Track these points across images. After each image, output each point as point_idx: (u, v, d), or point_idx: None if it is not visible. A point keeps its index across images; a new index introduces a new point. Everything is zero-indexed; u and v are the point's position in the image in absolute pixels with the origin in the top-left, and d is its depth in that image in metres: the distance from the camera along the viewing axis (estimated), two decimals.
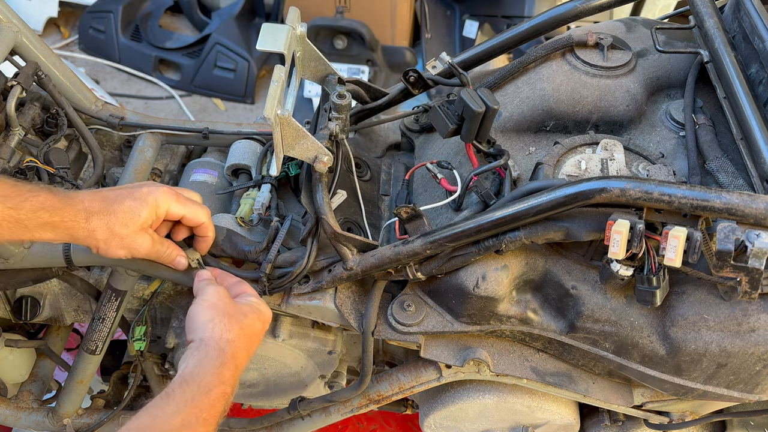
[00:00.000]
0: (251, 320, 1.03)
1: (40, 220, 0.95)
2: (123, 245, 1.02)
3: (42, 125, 1.36)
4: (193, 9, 3.52)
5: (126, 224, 1.01)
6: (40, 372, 1.54)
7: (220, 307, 1.01)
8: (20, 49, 1.31)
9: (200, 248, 1.16)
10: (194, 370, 0.92)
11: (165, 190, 1.05)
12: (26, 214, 0.94)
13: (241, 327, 1.00)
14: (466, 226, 1.06)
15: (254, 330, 1.03)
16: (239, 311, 1.03)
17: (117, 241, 1.01)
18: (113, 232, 1.00)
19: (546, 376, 1.26)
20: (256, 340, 1.03)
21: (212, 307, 1.01)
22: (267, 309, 1.07)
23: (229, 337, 0.97)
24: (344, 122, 1.18)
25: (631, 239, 0.95)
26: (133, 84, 3.35)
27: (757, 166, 1.05)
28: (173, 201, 1.06)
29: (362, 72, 3.09)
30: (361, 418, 2.12)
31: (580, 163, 1.12)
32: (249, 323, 1.02)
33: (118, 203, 1.01)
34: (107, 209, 1.01)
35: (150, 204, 1.03)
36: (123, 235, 1.01)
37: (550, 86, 1.26)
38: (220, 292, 1.04)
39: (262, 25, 1.12)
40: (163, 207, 1.04)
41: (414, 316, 1.20)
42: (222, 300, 1.03)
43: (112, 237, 1.01)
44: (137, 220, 1.02)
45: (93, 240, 1.00)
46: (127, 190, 1.04)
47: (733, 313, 1.04)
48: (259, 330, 1.04)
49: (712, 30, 1.21)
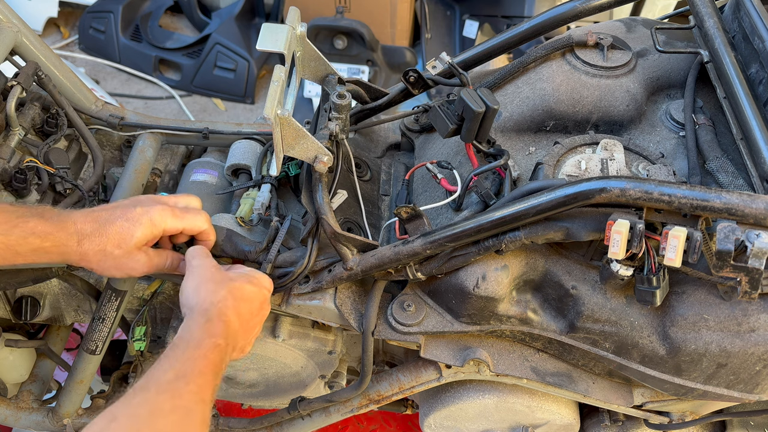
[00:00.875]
0: (240, 283, 1.02)
1: (30, 246, 0.95)
2: (117, 266, 1.02)
3: (42, 125, 1.36)
4: (193, 9, 3.52)
5: (119, 245, 1.00)
6: (40, 372, 1.54)
7: (206, 276, 1.01)
8: (20, 49, 1.31)
9: None
10: (181, 333, 0.92)
11: (160, 209, 1.04)
12: (16, 240, 0.94)
13: (229, 289, 0.99)
14: (466, 226, 1.06)
15: (244, 292, 1.01)
16: (226, 276, 1.02)
17: (111, 262, 1.01)
18: (106, 253, 1.00)
19: (546, 376, 1.26)
20: (247, 300, 1.01)
21: (197, 277, 1.01)
22: (263, 276, 1.07)
23: (214, 299, 0.96)
24: (344, 122, 1.18)
25: (631, 239, 0.95)
26: (133, 84, 3.35)
27: (757, 166, 1.05)
28: (169, 218, 1.05)
29: (362, 72, 3.09)
30: (361, 418, 2.12)
31: (580, 163, 1.12)
32: (237, 285, 1.01)
33: (110, 224, 1.00)
34: (99, 231, 1.00)
35: (144, 224, 1.02)
36: (116, 256, 1.01)
37: (550, 86, 1.26)
38: (205, 263, 1.04)
39: (262, 25, 1.12)
40: (159, 226, 1.04)
41: (414, 316, 1.20)
42: (207, 270, 1.02)
43: (105, 259, 1.00)
44: (131, 241, 1.01)
45: (86, 262, 1.00)
46: (120, 210, 1.03)
47: (733, 313, 1.04)
48: (252, 292, 1.03)
49: (712, 30, 1.21)
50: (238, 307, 0.99)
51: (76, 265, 1.02)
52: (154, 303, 1.38)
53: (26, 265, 1.00)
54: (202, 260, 1.05)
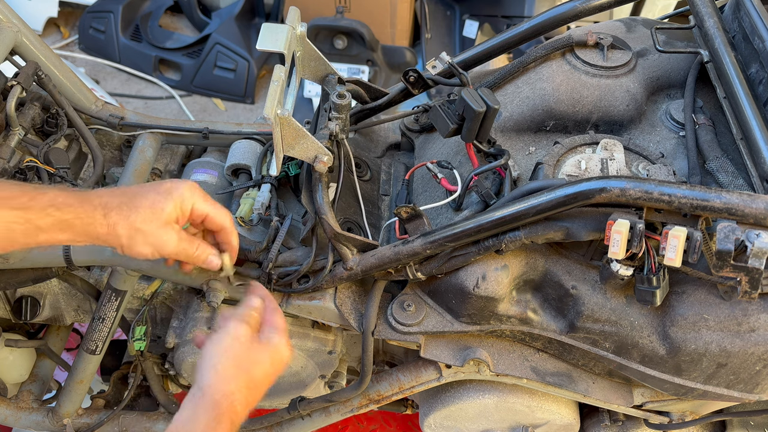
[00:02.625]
0: (262, 368, 0.94)
1: (51, 218, 0.89)
2: (148, 242, 0.94)
3: (42, 125, 1.36)
4: (193, 9, 3.52)
5: (150, 219, 0.93)
6: (40, 372, 1.54)
7: (231, 352, 0.93)
8: (20, 49, 1.32)
9: None
10: (188, 426, 0.86)
11: (190, 185, 0.99)
12: (36, 213, 0.88)
13: (248, 379, 0.92)
14: (466, 225, 1.06)
15: (261, 380, 0.95)
16: (251, 358, 0.94)
17: (141, 238, 0.94)
18: (136, 227, 0.93)
19: (546, 376, 1.26)
20: (261, 389, 0.95)
21: (222, 351, 0.93)
22: (286, 349, 0.99)
23: (229, 389, 0.90)
24: (344, 122, 1.18)
25: (631, 239, 0.95)
26: (133, 84, 3.35)
27: (757, 166, 1.05)
28: (199, 197, 0.99)
29: (362, 72, 3.09)
30: (361, 418, 2.12)
31: (580, 163, 1.12)
32: (258, 372, 0.94)
33: (140, 197, 0.95)
34: (129, 204, 0.93)
35: (175, 198, 0.96)
36: (147, 232, 0.94)
37: (550, 86, 1.26)
38: (239, 331, 0.95)
39: (262, 25, 1.12)
40: (188, 202, 0.98)
41: (414, 316, 1.20)
42: (237, 342, 0.94)
43: (135, 233, 0.93)
44: (161, 215, 0.94)
45: (114, 237, 0.93)
46: (149, 185, 0.97)
47: (733, 313, 1.04)
48: (269, 374, 0.96)
49: (712, 30, 1.21)
50: (250, 400, 0.93)
51: (100, 243, 0.94)
52: (154, 303, 1.39)
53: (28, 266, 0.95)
54: (237, 323, 0.96)
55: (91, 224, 0.92)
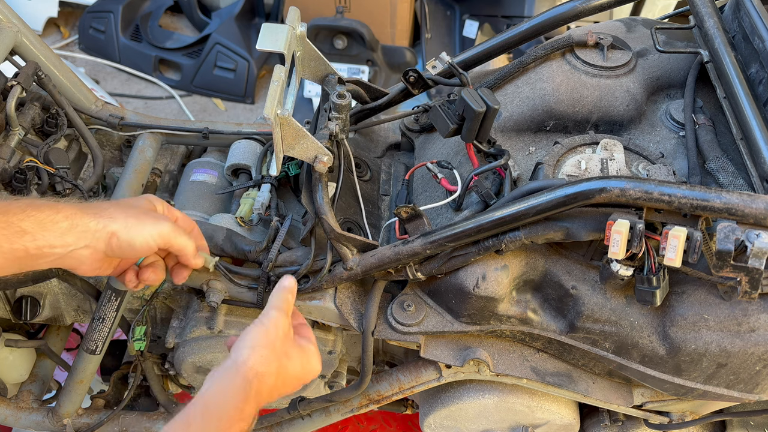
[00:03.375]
0: (293, 364, 0.95)
1: (32, 218, 0.88)
2: (143, 222, 0.95)
3: (42, 125, 1.36)
4: (193, 9, 3.52)
5: (131, 206, 0.98)
6: (40, 372, 1.54)
7: (271, 337, 0.94)
8: (20, 49, 1.32)
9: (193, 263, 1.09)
10: (218, 398, 0.86)
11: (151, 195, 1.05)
12: (16, 216, 0.87)
13: (280, 367, 0.93)
14: (466, 226, 1.06)
15: (290, 375, 0.95)
16: (286, 351, 0.95)
17: (133, 219, 0.94)
18: (127, 211, 0.95)
19: (546, 376, 1.26)
20: (287, 385, 0.95)
21: (263, 334, 0.94)
22: (318, 363, 1.00)
23: (261, 371, 0.90)
24: (344, 122, 1.18)
25: (631, 239, 0.95)
26: (133, 84, 3.35)
27: (757, 166, 1.05)
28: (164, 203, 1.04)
29: (362, 72, 3.09)
30: (361, 418, 2.12)
31: (580, 163, 1.12)
32: (290, 367, 0.94)
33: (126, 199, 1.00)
34: (117, 202, 0.97)
35: (144, 197, 1.02)
36: (140, 212, 0.96)
37: (550, 86, 1.26)
38: (281, 322, 0.96)
39: (262, 25, 1.12)
40: (158, 201, 1.03)
41: (414, 316, 1.20)
42: (278, 330, 0.95)
43: (128, 215, 0.94)
44: (142, 205, 1.00)
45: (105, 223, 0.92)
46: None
47: (733, 313, 1.04)
48: (296, 378, 0.96)
49: (712, 30, 1.21)
50: (274, 390, 0.93)
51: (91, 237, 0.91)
52: (154, 303, 1.39)
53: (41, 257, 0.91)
54: (280, 314, 0.97)
55: (76, 216, 0.91)
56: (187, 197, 1.38)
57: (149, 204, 1.02)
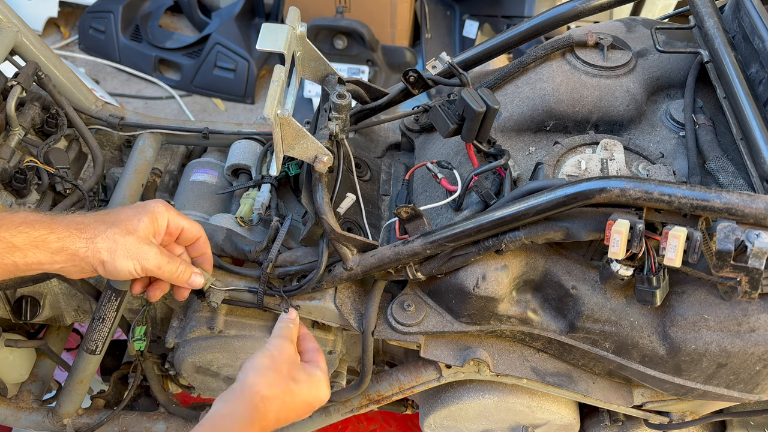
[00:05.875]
0: (300, 389, 0.96)
1: (24, 235, 0.88)
2: (129, 254, 0.95)
3: (42, 125, 1.36)
4: (193, 9, 3.52)
5: (128, 232, 0.95)
6: (40, 372, 1.54)
7: (277, 361, 0.96)
8: (20, 49, 1.32)
9: (205, 268, 1.12)
10: (225, 421, 0.87)
11: (162, 202, 1.02)
12: (8, 231, 0.87)
13: (286, 390, 0.94)
14: (466, 226, 1.06)
15: (297, 400, 0.95)
16: (293, 375, 0.96)
17: (122, 251, 0.94)
18: (116, 240, 0.94)
19: (546, 376, 1.26)
20: (295, 410, 0.96)
21: (269, 357, 0.96)
22: (325, 389, 1.00)
23: (267, 395, 0.91)
24: (344, 122, 1.18)
25: (631, 239, 0.95)
26: (133, 84, 3.35)
27: (757, 166, 1.05)
28: (173, 212, 1.03)
29: (362, 72, 3.09)
30: (361, 418, 2.12)
31: (580, 163, 1.12)
32: (296, 391, 0.95)
33: (114, 214, 0.97)
34: (104, 220, 0.95)
35: (149, 212, 0.99)
36: (127, 244, 0.94)
37: (550, 86, 1.26)
38: (286, 348, 0.99)
39: (262, 25, 1.12)
40: (163, 216, 1.01)
41: (414, 316, 1.20)
42: (284, 355, 0.97)
43: (116, 246, 0.94)
44: (138, 228, 0.97)
45: (94, 252, 0.93)
46: (120, 207, 0.99)
47: (733, 313, 1.04)
48: (303, 404, 0.97)
49: (712, 30, 1.21)
50: (281, 415, 0.93)
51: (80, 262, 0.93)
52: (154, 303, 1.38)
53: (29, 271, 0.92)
54: (284, 341, 1.00)
55: (69, 239, 0.92)
56: (187, 197, 1.38)
57: (150, 223, 0.99)
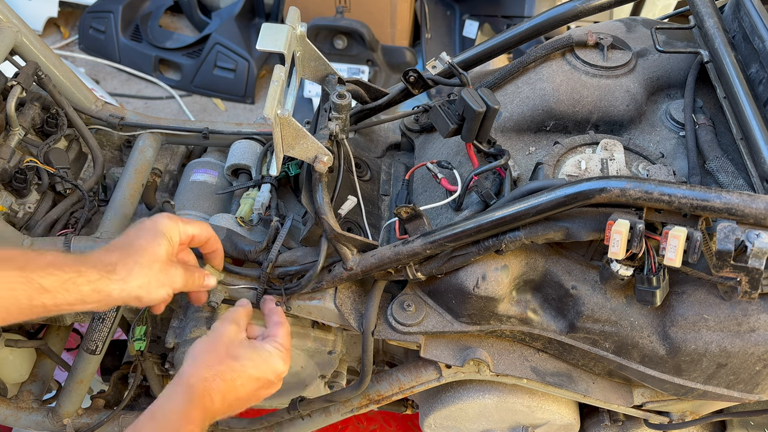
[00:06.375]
0: (242, 365, 0.96)
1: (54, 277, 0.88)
2: (161, 283, 0.98)
3: (42, 125, 1.36)
4: (193, 9, 3.52)
5: (154, 260, 0.96)
6: (40, 372, 1.54)
7: (213, 343, 0.97)
8: (20, 49, 1.32)
9: (216, 264, 1.15)
10: (163, 406, 0.89)
11: (167, 215, 1.03)
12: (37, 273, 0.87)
13: (226, 369, 0.94)
14: (466, 226, 1.06)
15: (242, 377, 0.96)
16: (231, 353, 0.97)
17: (155, 283, 0.97)
18: (146, 274, 0.95)
19: (546, 376, 1.26)
20: (243, 387, 0.96)
21: (206, 341, 0.98)
22: (278, 362, 1.00)
23: (204, 375, 0.92)
24: (344, 122, 1.18)
25: (631, 239, 0.95)
26: (133, 84, 3.35)
27: (757, 166, 1.05)
28: (180, 222, 1.03)
29: (362, 72, 3.09)
30: (361, 418, 2.12)
31: (580, 163, 1.12)
32: (237, 367, 0.96)
33: (134, 241, 0.97)
34: (128, 252, 0.95)
35: (162, 233, 0.99)
36: (157, 274, 0.97)
37: (550, 86, 1.26)
38: (225, 329, 1.00)
39: (262, 25, 1.12)
40: (174, 231, 1.01)
41: (414, 316, 1.20)
42: (221, 336, 0.98)
43: (148, 280, 0.96)
44: (161, 252, 0.98)
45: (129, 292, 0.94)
46: (133, 232, 0.99)
47: (733, 313, 1.04)
48: (250, 379, 0.97)
49: (712, 30, 1.21)
50: (225, 391, 0.94)
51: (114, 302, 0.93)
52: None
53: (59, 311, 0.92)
54: (225, 322, 1.01)
55: (99, 282, 0.91)
56: (187, 197, 1.38)
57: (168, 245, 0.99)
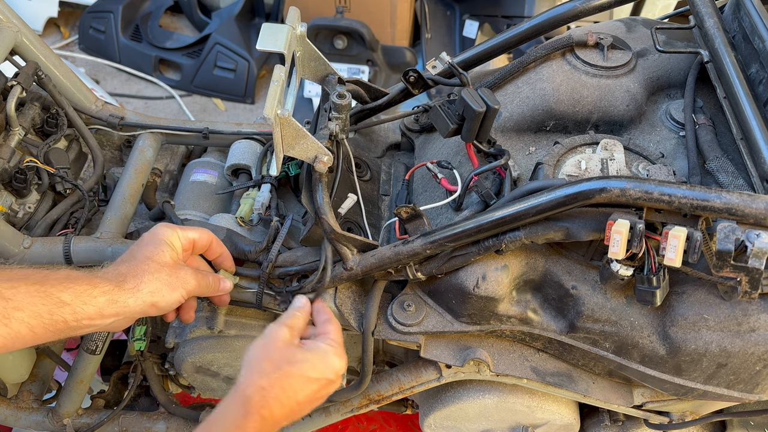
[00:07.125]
0: (299, 369, 0.93)
1: (70, 290, 0.89)
2: (172, 286, 0.98)
3: (42, 125, 1.36)
4: (193, 9, 3.52)
5: (161, 266, 0.97)
6: (40, 372, 1.54)
7: (267, 349, 0.94)
8: (20, 49, 1.32)
9: (227, 267, 1.15)
10: (219, 416, 0.88)
11: (164, 225, 1.04)
12: (55, 287, 0.88)
13: (283, 375, 0.91)
14: (466, 226, 1.06)
15: (300, 381, 0.93)
16: (286, 357, 0.94)
17: (166, 287, 0.97)
18: (157, 279, 0.96)
19: (546, 376, 1.26)
20: (302, 391, 0.93)
21: (259, 347, 0.95)
22: (335, 358, 0.98)
23: (262, 384, 0.90)
24: (344, 122, 1.18)
25: (631, 239, 0.95)
26: (133, 84, 3.35)
27: (757, 166, 1.05)
28: (178, 230, 1.04)
29: (362, 72, 3.09)
30: (361, 418, 2.12)
31: (580, 163, 1.12)
32: (294, 372, 0.92)
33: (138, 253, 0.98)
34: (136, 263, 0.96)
35: (163, 241, 1.00)
36: (167, 278, 0.97)
37: (550, 86, 1.26)
38: (277, 333, 0.97)
39: (262, 25, 1.12)
40: (174, 238, 1.02)
41: (414, 316, 1.20)
42: (275, 341, 0.95)
43: (159, 285, 0.96)
44: (166, 258, 0.99)
45: (143, 300, 0.95)
46: (135, 247, 1.01)
47: (733, 313, 1.04)
48: (307, 381, 0.94)
49: (712, 30, 1.21)
50: (285, 399, 0.91)
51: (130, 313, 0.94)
52: None
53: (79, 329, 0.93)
54: (276, 325, 0.99)
55: (113, 293, 0.93)
56: (187, 197, 1.38)
57: (170, 250, 1.00)
